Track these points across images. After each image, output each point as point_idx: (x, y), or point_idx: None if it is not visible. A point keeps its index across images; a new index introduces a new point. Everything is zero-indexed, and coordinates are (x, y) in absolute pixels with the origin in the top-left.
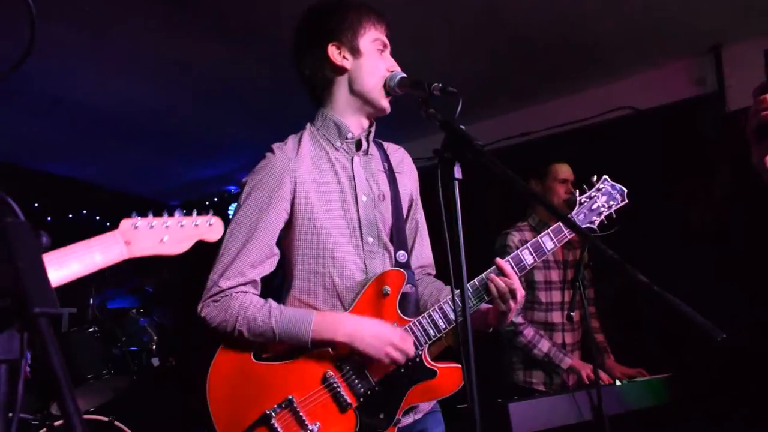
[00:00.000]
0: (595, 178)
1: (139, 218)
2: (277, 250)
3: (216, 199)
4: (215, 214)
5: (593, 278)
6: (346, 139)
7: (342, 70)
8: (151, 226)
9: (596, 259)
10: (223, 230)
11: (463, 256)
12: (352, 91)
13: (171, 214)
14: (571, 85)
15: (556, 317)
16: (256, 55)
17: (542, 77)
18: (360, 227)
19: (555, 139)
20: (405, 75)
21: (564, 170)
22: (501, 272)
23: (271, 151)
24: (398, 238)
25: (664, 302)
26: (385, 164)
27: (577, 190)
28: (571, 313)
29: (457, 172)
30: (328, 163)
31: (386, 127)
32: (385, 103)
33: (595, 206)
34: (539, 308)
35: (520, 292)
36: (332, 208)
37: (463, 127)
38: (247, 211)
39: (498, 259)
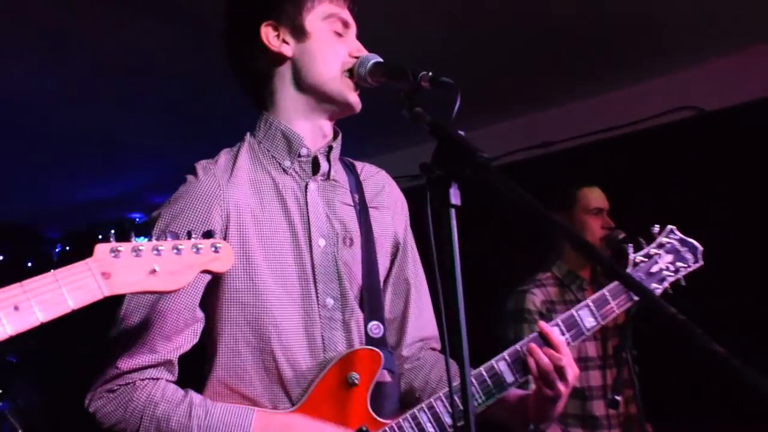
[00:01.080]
0: (656, 228)
1: (120, 242)
2: (201, 315)
3: (112, 230)
4: None
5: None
6: (299, 156)
7: (282, 59)
8: (138, 252)
9: (646, 323)
10: (233, 258)
11: (463, 321)
12: (300, 85)
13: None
14: (610, 80)
15: (598, 408)
16: (173, 28)
17: (571, 69)
18: (315, 284)
19: (585, 150)
20: (380, 59)
21: (596, 197)
22: (545, 341)
23: (194, 172)
24: (371, 302)
25: (744, 381)
26: (356, 195)
27: (631, 246)
28: (616, 398)
29: (454, 197)
30: (272, 192)
31: (351, 133)
32: (351, 97)
33: (656, 269)
34: (573, 396)
35: (573, 371)
36: (277, 254)
37: (462, 133)
38: None
39: (542, 324)
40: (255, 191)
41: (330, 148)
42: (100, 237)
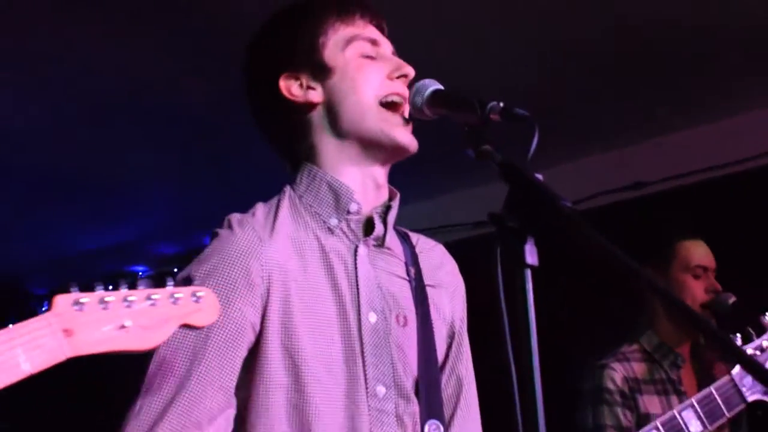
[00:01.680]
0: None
1: (85, 293)
2: (235, 400)
3: (110, 286)
4: None
5: None
6: (348, 213)
7: (312, 107)
8: (105, 304)
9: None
10: (219, 308)
11: (542, 411)
12: (338, 131)
13: (133, 286)
14: (715, 107)
15: None
16: (182, 54)
17: (668, 95)
18: (364, 367)
19: (686, 193)
20: (439, 86)
21: (700, 253)
22: None
23: (227, 225)
24: (429, 396)
25: None
26: (411, 268)
27: (738, 336)
28: None
29: (530, 254)
30: (317, 254)
31: (398, 169)
32: (399, 133)
33: None
34: None
35: None
36: (322, 329)
37: (540, 176)
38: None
39: None
40: (298, 252)
41: (388, 208)
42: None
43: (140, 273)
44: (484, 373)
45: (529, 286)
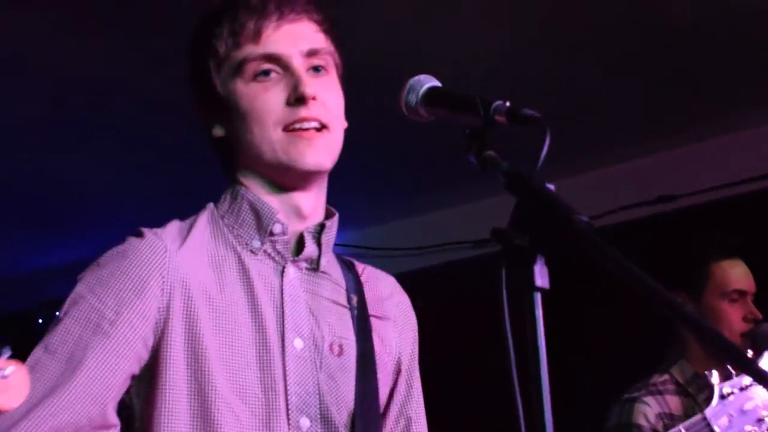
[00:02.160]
0: None
1: None
2: (115, 421)
3: (40, 321)
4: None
5: None
6: (271, 235)
7: (221, 141)
8: None
9: None
10: (27, 390)
11: None
12: (244, 165)
13: None
14: (758, 110)
15: None
16: (150, 52)
17: (702, 95)
18: (286, 397)
19: (722, 208)
20: (437, 83)
21: (737, 275)
22: None
23: (137, 233)
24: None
25: None
26: (354, 296)
27: None
28: None
29: (540, 276)
30: (236, 271)
31: (390, 180)
32: (308, 159)
33: None
34: None
35: None
36: (236, 354)
37: (552, 186)
38: (68, 331)
39: None
40: (214, 267)
41: (321, 227)
42: (41, 321)
43: None
44: (488, 413)
45: (539, 312)
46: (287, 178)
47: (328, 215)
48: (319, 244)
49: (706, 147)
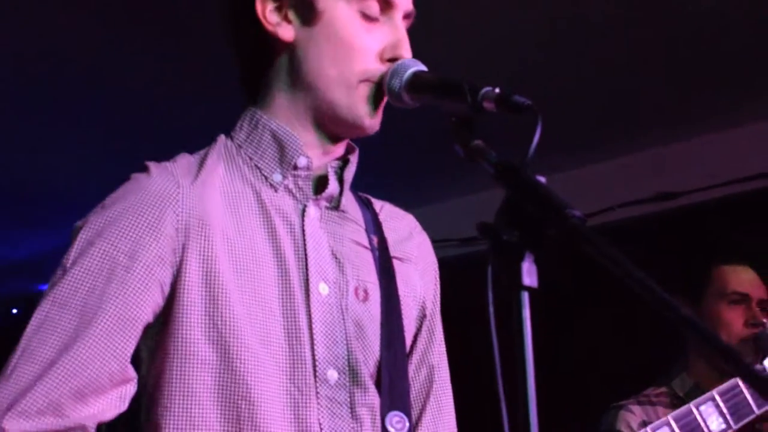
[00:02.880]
0: None
1: None
2: (133, 374)
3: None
4: None
5: None
6: (295, 168)
7: (280, 44)
8: None
9: None
10: None
11: None
12: (296, 83)
13: None
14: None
15: None
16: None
17: (711, 85)
18: (312, 347)
19: (729, 206)
20: (422, 68)
21: (740, 278)
22: None
23: (145, 169)
24: (392, 384)
25: None
26: (374, 236)
27: None
28: None
29: (528, 274)
30: (255, 209)
31: (366, 175)
32: (366, 120)
33: None
34: None
35: None
36: (259, 298)
37: (543, 179)
38: (79, 280)
39: None
40: (229, 204)
41: (345, 162)
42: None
43: None
44: (474, 414)
45: (527, 312)
46: (336, 124)
47: (348, 150)
48: (341, 181)
49: (707, 142)
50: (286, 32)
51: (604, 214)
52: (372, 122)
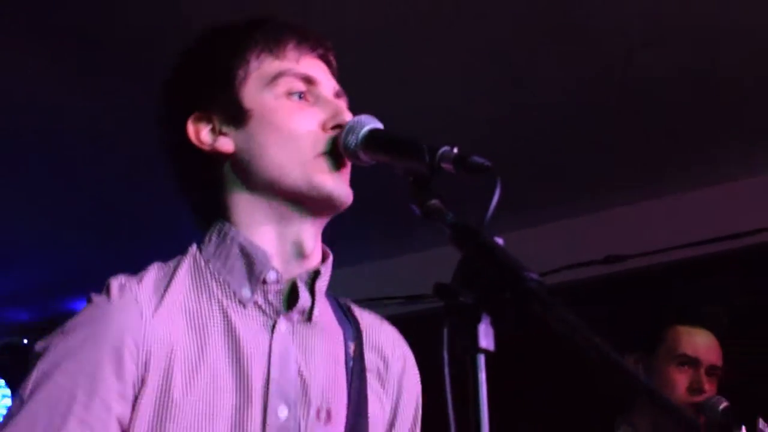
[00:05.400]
0: (761, 422)
1: None
2: None
3: None
4: None
5: None
6: (263, 283)
7: (224, 158)
8: None
9: None
10: None
11: None
12: (253, 187)
13: None
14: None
15: None
16: (67, 65)
17: (663, 148)
18: None
19: (684, 269)
20: (378, 125)
21: (695, 341)
22: None
23: (106, 291)
24: None
25: None
26: (352, 345)
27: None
28: None
29: (485, 336)
30: (220, 330)
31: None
32: (329, 181)
33: None
34: None
35: None
36: (212, 425)
37: (501, 240)
38: (35, 416)
39: None
40: (193, 328)
41: (316, 274)
42: None
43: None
44: None
45: (482, 375)
46: (305, 205)
47: (323, 258)
48: (312, 292)
49: (657, 205)
50: (226, 144)
51: (552, 275)
52: (334, 183)
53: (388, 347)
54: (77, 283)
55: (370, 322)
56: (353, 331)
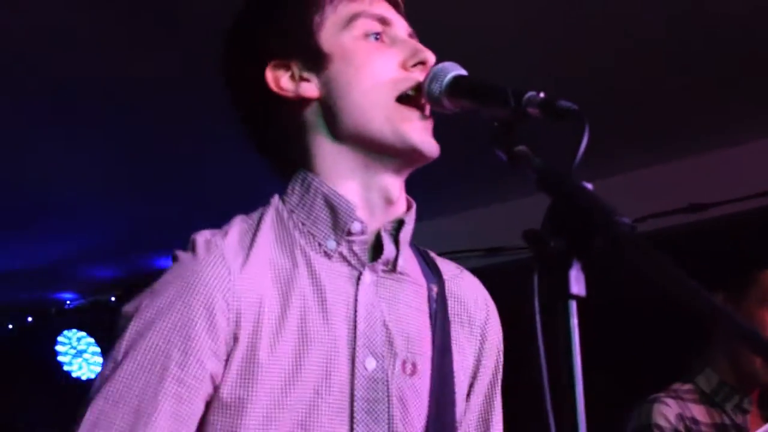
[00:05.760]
0: None
1: None
2: None
3: (32, 320)
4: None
5: None
6: (348, 234)
7: (306, 103)
8: None
9: None
10: None
11: None
12: (337, 134)
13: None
14: None
15: None
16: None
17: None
18: (352, 426)
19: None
20: (463, 71)
21: None
22: None
23: (192, 248)
24: None
25: None
26: (435, 297)
27: None
28: None
29: (576, 282)
30: (306, 284)
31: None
32: (416, 135)
33: None
34: None
35: None
36: (301, 378)
37: (590, 186)
38: (132, 377)
39: None
40: (280, 282)
41: (400, 223)
42: (10, 327)
43: (68, 301)
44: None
45: (575, 321)
46: (390, 155)
47: (408, 207)
48: (396, 243)
49: (739, 152)
50: (309, 90)
51: (647, 220)
52: (421, 136)
53: (471, 296)
54: (160, 239)
55: (451, 271)
56: (436, 280)
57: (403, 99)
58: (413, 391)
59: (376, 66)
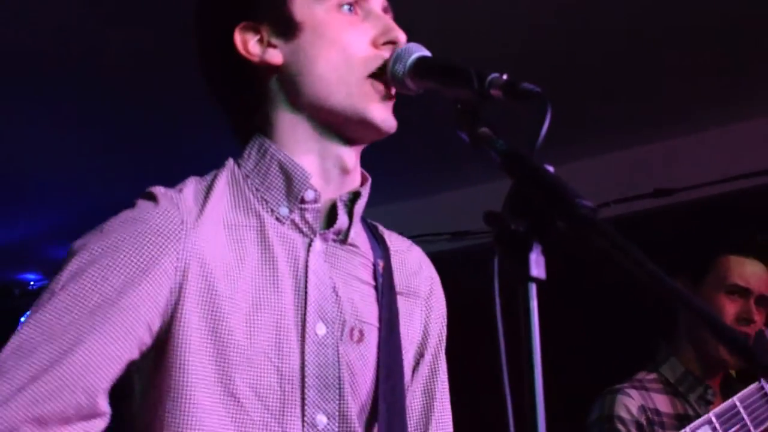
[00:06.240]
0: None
1: None
2: (105, 408)
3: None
4: None
5: None
6: (302, 202)
7: (270, 70)
8: None
9: None
10: None
11: None
12: (296, 103)
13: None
14: None
15: None
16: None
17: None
18: (303, 390)
19: (731, 202)
20: (426, 53)
21: (746, 270)
22: None
23: (150, 197)
24: (390, 423)
25: None
26: (381, 270)
27: None
28: None
29: (536, 265)
30: (256, 243)
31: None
32: (376, 111)
33: None
34: None
35: None
36: (256, 341)
37: (551, 168)
38: (64, 308)
39: None
40: (232, 239)
41: (356, 195)
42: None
43: (32, 282)
44: (473, 417)
45: (534, 304)
46: (347, 128)
47: (362, 181)
48: (350, 214)
49: (706, 138)
50: (274, 56)
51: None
52: (382, 113)
53: (415, 268)
54: None
55: (398, 243)
56: (382, 252)
57: (370, 77)
58: (360, 358)
59: (347, 42)
